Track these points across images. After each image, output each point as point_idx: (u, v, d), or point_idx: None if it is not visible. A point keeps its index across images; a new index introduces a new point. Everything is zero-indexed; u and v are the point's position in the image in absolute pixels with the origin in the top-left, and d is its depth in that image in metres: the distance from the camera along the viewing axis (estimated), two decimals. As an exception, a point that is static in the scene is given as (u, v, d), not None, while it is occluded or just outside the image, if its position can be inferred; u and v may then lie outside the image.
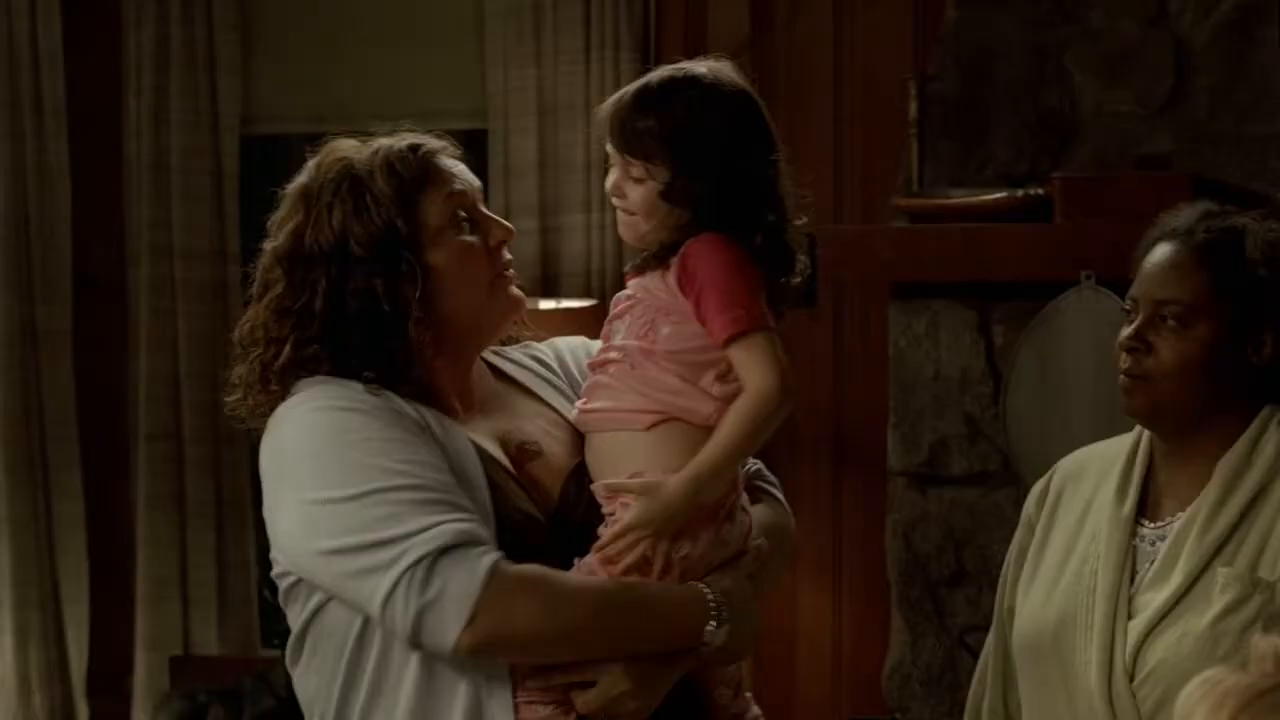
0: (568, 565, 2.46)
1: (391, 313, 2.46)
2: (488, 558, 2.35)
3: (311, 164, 2.54)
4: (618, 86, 4.94)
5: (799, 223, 2.54)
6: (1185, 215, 2.86)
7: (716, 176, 2.46)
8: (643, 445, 2.47)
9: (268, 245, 2.53)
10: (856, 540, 4.96)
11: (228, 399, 2.55)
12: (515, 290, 2.59)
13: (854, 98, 4.99)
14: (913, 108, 4.53)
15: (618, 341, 2.52)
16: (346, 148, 2.54)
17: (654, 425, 2.46)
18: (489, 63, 5.29)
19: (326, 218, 2.47)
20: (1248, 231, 2.81)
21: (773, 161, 2.52)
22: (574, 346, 2.75)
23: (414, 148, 2.53)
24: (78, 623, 5.52)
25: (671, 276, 2.47)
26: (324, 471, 2.41)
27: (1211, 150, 4.39)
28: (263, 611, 5.49)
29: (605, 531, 2.46)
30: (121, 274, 5.53)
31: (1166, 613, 2.76)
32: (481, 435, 2.53)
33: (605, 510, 2.49)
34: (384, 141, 2.54)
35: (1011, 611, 2.97)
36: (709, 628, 2.44)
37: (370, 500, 2.37)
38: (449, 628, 2.34)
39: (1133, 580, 2.82)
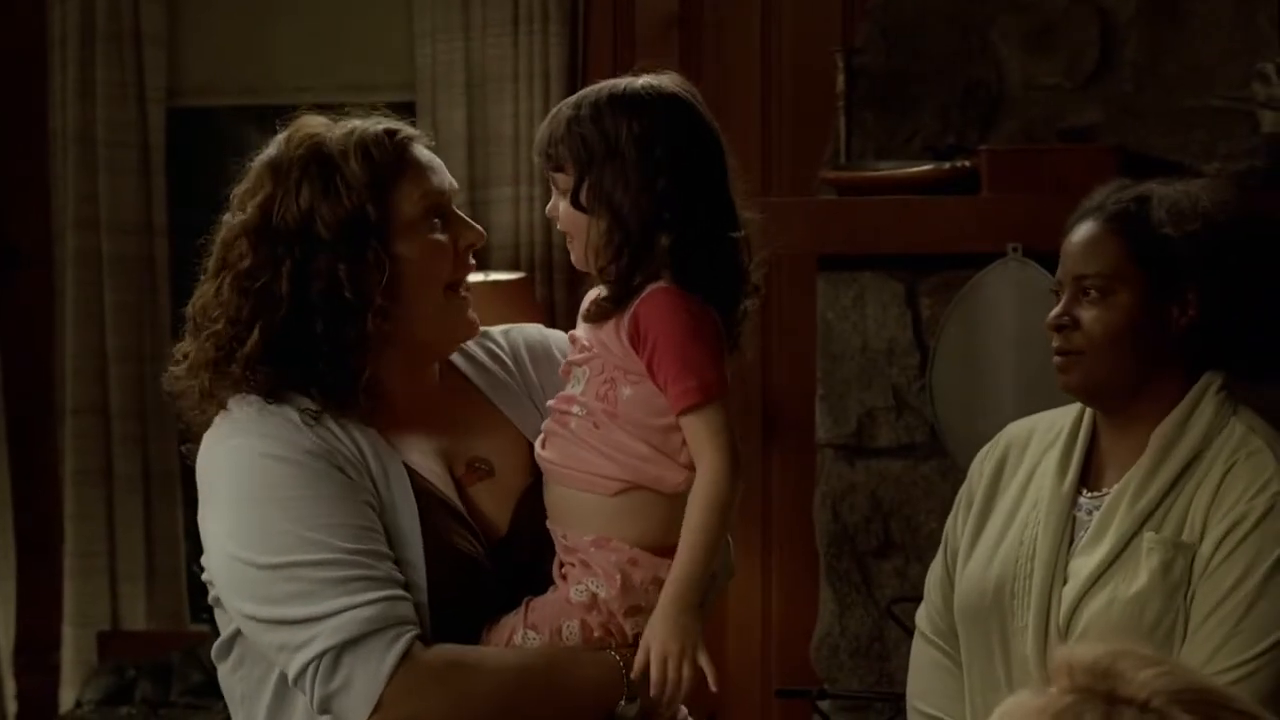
0: (512, 596, 2.44)
1: (354, 301, 2.37)
2: (397, 647, 2.29)
3: (280, 138, 2.44)
4: (546, 59, 5.00)
5: (743, 233, 2.44)
6: (1099, 193, 2.96)
7: (625, 176, 2.37)
8: (608, 510, 2.41)
9: (230, 218, 2.43)
10: (785, 512, 4.97)
11: (172, 369, 2.46)
12: (472, 314, 2.50)
13: (782, 70, 4.99)
14: (840, 80, 4.53)
15: (578, 395, 2.44)
16: (316, 124, 2.44)
17: (621, 492, 2.41)
18: (417, 35, 5.27)
19: (294, 194, 2.38)
20: (1153, 196, 2.89)
21: (704, 163, 2.43)
22: (531, 341, 2.67)
23: (390, 133, 2.43)
24: (4, 598, 5.50)
25: (624, 334, 2.39)
26: (246, 528, 2.34)
27: (1137, 123, 4.41)
28: (191, 586, 5.47)
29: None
30: (47, 248, 5.50)
31: (1097, 578, 2.82)
32: (426, 455, 2.47)
33: (561, 557, 2.45)
34: (357, 122, 2.44)
35: (956, 554, 3.02)
36: (620, 704, 2.40)
37: (285, 574, 2.30)
38: (356, 715, 2.29)
39: (1071, 548, 2.87)
